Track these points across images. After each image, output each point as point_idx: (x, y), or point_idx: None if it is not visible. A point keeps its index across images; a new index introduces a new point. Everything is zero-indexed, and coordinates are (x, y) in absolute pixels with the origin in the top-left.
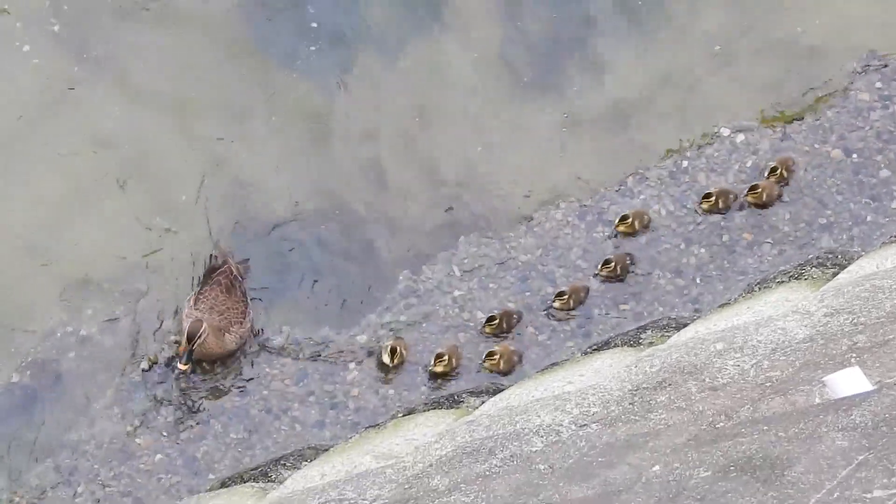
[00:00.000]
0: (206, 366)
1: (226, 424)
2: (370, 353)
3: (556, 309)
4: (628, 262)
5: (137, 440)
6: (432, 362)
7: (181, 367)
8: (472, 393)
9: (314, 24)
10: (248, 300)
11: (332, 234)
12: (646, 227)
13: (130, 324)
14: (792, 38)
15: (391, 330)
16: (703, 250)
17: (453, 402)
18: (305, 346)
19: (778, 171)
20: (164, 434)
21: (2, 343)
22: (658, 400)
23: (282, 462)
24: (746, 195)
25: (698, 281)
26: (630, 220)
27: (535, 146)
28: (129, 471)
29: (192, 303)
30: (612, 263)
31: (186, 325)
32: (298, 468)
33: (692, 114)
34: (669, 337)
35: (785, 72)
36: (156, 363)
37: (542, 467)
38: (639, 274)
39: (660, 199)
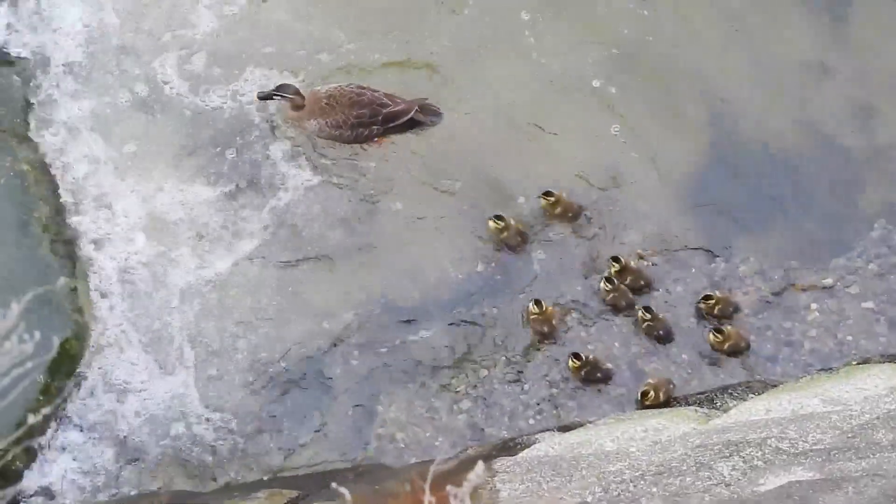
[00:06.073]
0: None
1: (679, 345)
2: (832, 296)
3: None
4: None
5: None
6: None
7: (257, 94)
8: None
9: None
10: (360, 132)
11: (809, 169)
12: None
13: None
14: None
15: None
16: None
17: None
18: (770, 278)
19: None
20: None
21: None
22: None
23: (729, 391)
24: None
25: None
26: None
27: None
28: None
29: (344, 84)
30: None
31: (297, 85)
32: (744, 400)
33: None
34: None
35: None
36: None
37: None
38: None
39: None
